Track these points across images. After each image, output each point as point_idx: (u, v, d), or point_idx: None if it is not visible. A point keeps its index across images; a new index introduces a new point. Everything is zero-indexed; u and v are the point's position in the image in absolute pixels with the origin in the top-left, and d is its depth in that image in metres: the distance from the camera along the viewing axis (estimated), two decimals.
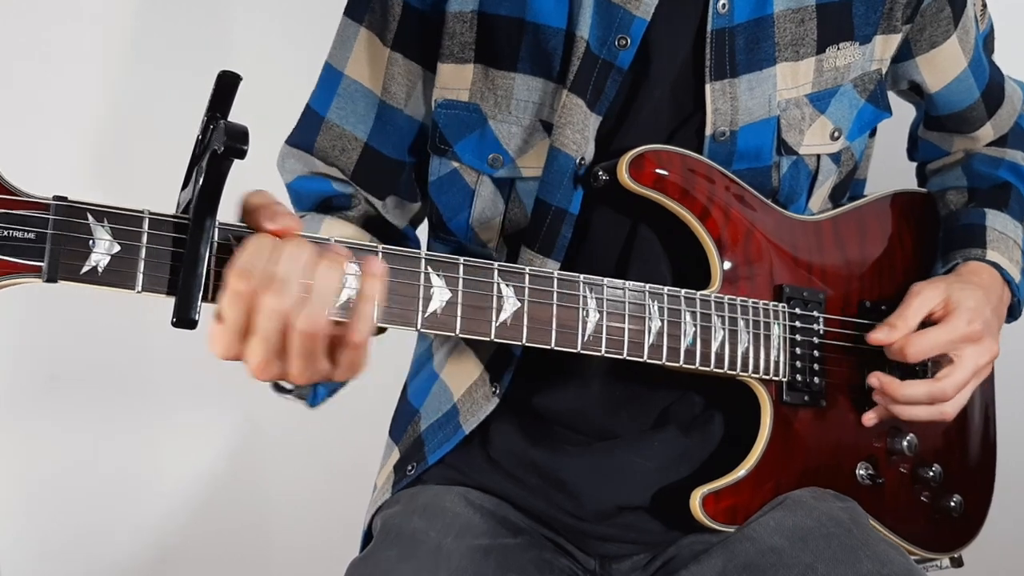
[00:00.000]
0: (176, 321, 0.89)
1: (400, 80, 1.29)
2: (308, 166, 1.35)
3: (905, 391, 1.23)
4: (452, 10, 1.23)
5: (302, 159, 1.35)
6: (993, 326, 1.28)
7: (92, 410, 2.05)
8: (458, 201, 1.30)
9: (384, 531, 1.26)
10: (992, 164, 1.45)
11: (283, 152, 1.37)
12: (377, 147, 1.32)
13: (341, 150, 1.32)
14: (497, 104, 1.25)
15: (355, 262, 0.97)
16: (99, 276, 0.88)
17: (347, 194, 1.34)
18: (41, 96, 1.94)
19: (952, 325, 1.24)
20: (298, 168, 1.35)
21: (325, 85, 1.33)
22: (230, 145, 0.86)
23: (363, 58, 1.30)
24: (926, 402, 1.24)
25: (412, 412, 1.40)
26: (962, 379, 1.24)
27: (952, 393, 1.24)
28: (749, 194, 1.25)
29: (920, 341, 1.23)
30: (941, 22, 1.34)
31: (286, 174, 1.38)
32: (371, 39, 1.29)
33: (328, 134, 1.32)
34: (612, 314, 1.12)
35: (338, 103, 1.31)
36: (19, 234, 0.86)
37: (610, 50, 1.20)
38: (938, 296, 1.26)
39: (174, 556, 2.12)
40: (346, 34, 1.31)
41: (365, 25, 1.29)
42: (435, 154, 1.29)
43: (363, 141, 1.32)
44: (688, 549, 1.26)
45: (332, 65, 1.33)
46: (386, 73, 1.29)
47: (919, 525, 1.34)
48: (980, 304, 1.26)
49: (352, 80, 1.31)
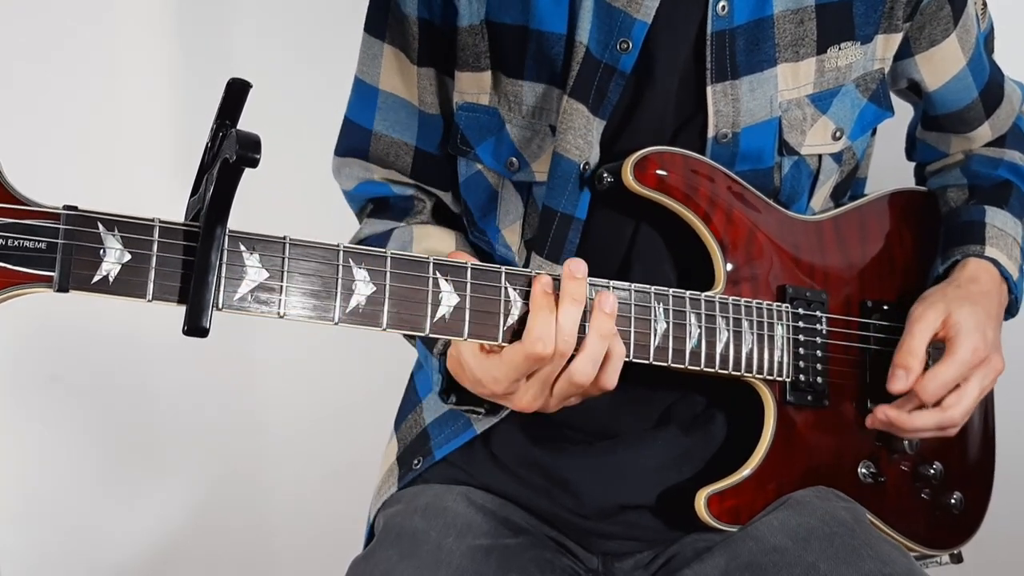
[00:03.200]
0: (187, 330, 0.89)
1: (430, 90, 1.31)
2: (369, 171, 1.37)
3: (914, 424, 1.24)
4: (463, 25, 1.24)
5: (359, 165, 1.37)
6: (996, 341, 1.29)
7: (92, 410, 2.04)
8: (484, 202, 1.31)
9: (385, 530, 1.26)
10: (991, 164, 1.45)
11: (337, 163, 1.40)
12: (427, 148, 1.34)
13: (396, 155, 1.35)
14: (511, 109, 1.26)
15: None
16: (110, 286, 0.88)
17: (407, 196, 1.37)
18: (43, 102, 1.94)
19: (958, 357, 1.24)
20: (358, 174, 1.38)
21: (362, 99, 1.35)
22: (242, 154, 0.85)
23: (394, 73, 1.32)
24: (934, 430, 1.25)
25: (416, 401, 1.40)
26: (969, 405, 1.25)
27: (961, 420, 1.25)
28: (751, 195, 1.25)
29: (931, 386, 1.23)
30: (941, 20, 1.33)
31: (346, 181, 1.40)
32: (398, 55, 1.31)
33: (379, 143, 1.35)
34: (618, 316, 1.12)
35: (381, 116, 1.34)
36: (29, 244, 0.85)
37: (612, 54, 1.20)
38: (938, 318, 1.25)
39: (174, 556, 2.12)
40: (372, 51, 1.33)
41: (388, 42, 1.31)
42: (458, 155, 1.31)
43: (413, 145, 1.34)
44: (690, 547, 1.26)
45: (364, 81, 1.34)
46: (418, 87, 1.31)
47: (920, 522, 1.34)
48: (981, 322, 1.26)
49: (389, 94, 1.33)
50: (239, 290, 0.94)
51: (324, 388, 2.07)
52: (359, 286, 0.98)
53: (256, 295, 0.94)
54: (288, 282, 0.96)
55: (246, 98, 0.90)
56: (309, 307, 0.97)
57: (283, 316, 0.95)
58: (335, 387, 2.00)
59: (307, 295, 0.97)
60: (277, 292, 0.95)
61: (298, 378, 2.09)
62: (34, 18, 1.91)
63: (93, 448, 2.05)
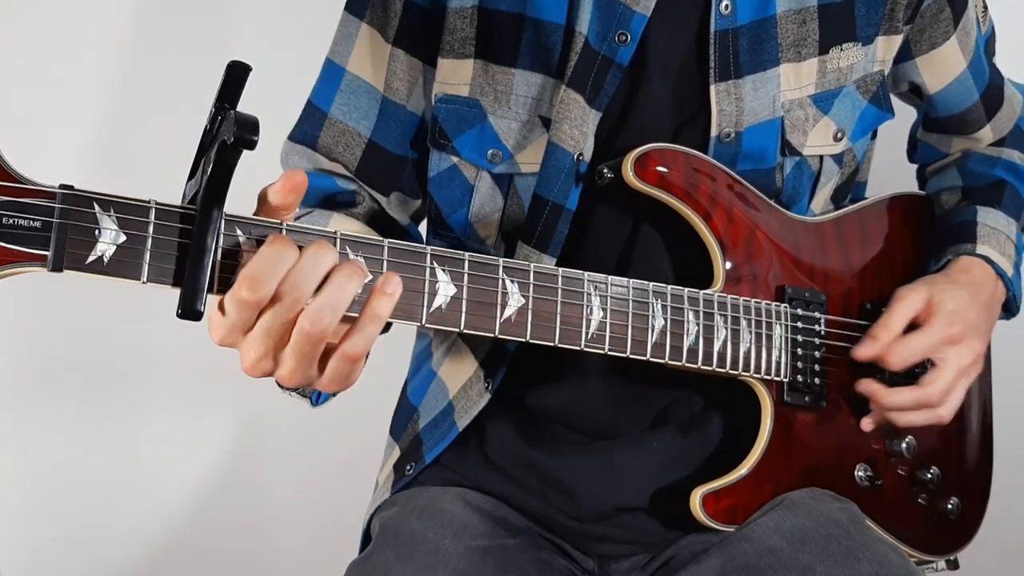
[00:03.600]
0: (181, 312, 0.88)
1: (402, 76, 1.29)
2: (312, 162, 1.35)
3: (891, 399, 1.24)
4: (453, 6, 1.24)
5: (306, 155, 1.34)
6: (980, 325, 1.28)
7: (92, 409, 2.04)
8: (457, 197, 1.30)
9: (382, 532, 1.26)
10: (988, 163, 1.45)
11: (286, 148, 1.37)
12: (380, 143, 1.32)
13: (345, 146, 1.32)
14: (497, 99, 1.25)
15: (371, 274, 0.96)
16: (105, 266, 0.87)
17: (351, 191, 1.34)
18: (43, 89, 1.94)
19: (931, 330, 1.24)
20: (302, 164, 1.35)
21: (327, 80, 1.33)
22: (240, 136, 0.85)
23: (365, 54, 1.30)
24: (913, 408, 1.24)
25: (411, 410, 1.40)
26: (946, 383, 1.25)
27: (938, 398, 1.25)
28: (752, 194, 1.25)
29: (900, 350, 1.24)
30: (941, 23, 1.34)
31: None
32: (372, 35, 1.29)
33: (331, 130, 1.32)
34: (616, 311, 1.12)
35: (340, 99, 1.32)
36: (24, 222, 0.85)
37: (610, 46, 1.20)
38: (920, 300, 1.26)
39: (174, 556, 2.12)
40: (347, 30, 1.31)
41: (366, 21, 1.29)
42: (435, 148, 1.30)
43: (366, 137, 1.32)
44: (687, 549, 1.26)
45: (333, 61, 1.33)
46: (388, 69, 1.29)
47: (916, 527, 1.34)
48: (963, 305, 1.27)
49: (354, 76, 1.31)
50: (235, 274, 0.93)
51: None
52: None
53: None
54: None
55: (246, 81, 0.90)
56: None
57: None
58: None
59: None
60: None
61: None
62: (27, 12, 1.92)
63: (93, 447, 2.05)
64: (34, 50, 1.92)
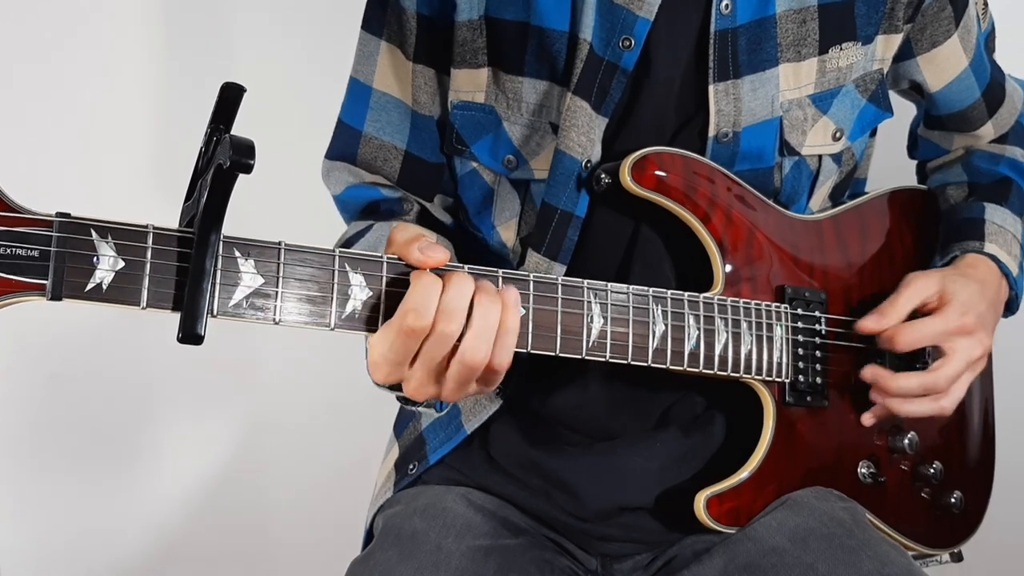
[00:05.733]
0: (182, 337, 0.88)
1: (425, 89, 1.30)
2: (355, 176, 1.36)
3: (898, 383, 1.23)
4: (461, 19, 1.24)
5: (347, 170, 1.36)
6: (988, 320, 1.28)
7: (91, 409, 2.04)
8: (480, 199, 1.30)
9: (384, 531, 1.26)
10: (992, 160, 1.45)
11: (327, 166, 1.38)
12: (417, 153, 1.33)
13: (384, 160, 1.33)
14: (509, 107, 1.25)
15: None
16: (103, 293, 0.87)
17: (397, 198, 1.36)
18: (40, 106, 1.93)
19: (945, 316, 1.24)
20: (346, 179, 1.37)
21: (355, 99, 1.34)
22: (236, 160, 0.85)
23: (388, 71, 1.31)
24: (919, 394, 1.24)
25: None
26: (955, 371, 1.24)
27: (945, 385, 1.24)
28: (750, 195, 1.24)
29: (910, 331, 1.23)
30: (942, 21, 1.33)
31: (335, 185, 1.39)
32: (393, 52, 1.30)
33: (368, 146, 1.33)
34: (616, 319, 1.11)
35: (372, 116, 1.33)
36: (22, 252, 0.85)
37: (614, 51, 1.20)
38: (932, 287, 1.25)
39: (174, 556, 2.12)
40: (368, 49, 1.31)
41: (385, 39, 1.30)
42: (453, 154, 1.30)
43: (403, 149, 1.33)
44: (689, 549, 1.26)
45: (359, 80, 1.33)
46: (412, 84, 1.30)
47: (920, 522, 1.34)
48: (974, 297, 1.26)
49: (382, 93, 1.32)
50: (234, 296, 0.93)
51: (324, 388, 2.07)
52: (355, 291, 0.98)
53: (251, 301, 0.94)
54: (283, 288, 0.95)
55: (240, 103, 0.90)
56: (304, 313, 0.97)
57: (278, 322, 0.95)
58: (335, 387, 1.99)
59: (302, 301, 0.97)
60: (272, 298, 0.95)
61: (298, 378, 2.09)
62: (26, 22, 1.91)
63: (92, 448, 2.05)
64: (29, 61, 1.92)
